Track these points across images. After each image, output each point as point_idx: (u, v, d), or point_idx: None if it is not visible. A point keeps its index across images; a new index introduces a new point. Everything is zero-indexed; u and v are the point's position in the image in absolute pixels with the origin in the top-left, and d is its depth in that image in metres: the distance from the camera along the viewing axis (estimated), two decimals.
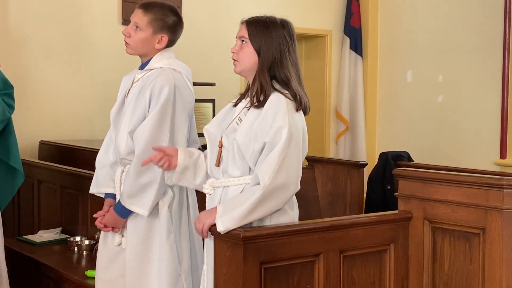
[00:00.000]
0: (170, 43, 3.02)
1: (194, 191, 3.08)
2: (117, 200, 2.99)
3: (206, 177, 2.69)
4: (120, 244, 3.00)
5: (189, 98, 2.98)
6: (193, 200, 3.06)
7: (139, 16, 2.94)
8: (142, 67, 3.03)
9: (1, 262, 3.53)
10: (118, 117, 3.03)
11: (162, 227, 2.91)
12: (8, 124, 3.62)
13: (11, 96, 3.62)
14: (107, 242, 3.04)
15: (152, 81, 2.89)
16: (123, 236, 2.99)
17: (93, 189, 3.13)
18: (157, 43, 2.95)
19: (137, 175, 2.85)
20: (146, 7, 2.96)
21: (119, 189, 2.99)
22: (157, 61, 2.97)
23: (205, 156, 2.71)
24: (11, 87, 3.65)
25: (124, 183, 2.90)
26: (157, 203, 2.91)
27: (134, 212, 2.91)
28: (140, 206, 2.86)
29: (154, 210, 2.91)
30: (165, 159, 2.64)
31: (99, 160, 3.13)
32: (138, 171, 2.84)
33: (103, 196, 3.10)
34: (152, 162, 2.66)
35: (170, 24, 2.96)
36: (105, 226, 2.96)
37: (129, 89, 3.01)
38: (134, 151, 2.92)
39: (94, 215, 3.01)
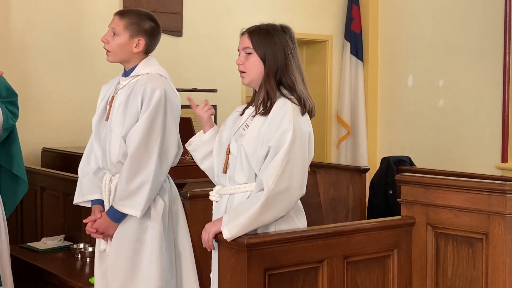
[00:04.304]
0: (148, 48, 3.05)
1: (180, 201, 3.11)
2: (105, 207, 3.01)
3: (209, 164, 2.71)
4: (105, 250, 3.01)
5: (177, 102, 3.03)
6: (176, 209, 3.08)
7: (116, 22, 3.01)
8: (126, 74, 3.08)
9: (7, 269, 3.53)
10: (100, 126, 3.08)
11: (155, 238, 2.93)
12: (12, 132, 3.61)
13: (15, 104, 3.62)
14: (103, 255, 3.07)
15: (143, 85, 2.94)
16: (107, 242, 3.00)
17: (77, 199, 3.13)
18: (135, 47, 3.00)
19: (130, 177, 2.87)
20: (122, 13, 3.05)
21: (107, 197, 3.00)
22: (143, 68, 3.02)
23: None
24: (15, 95, 3.66)
25: (117, 186, 2.92)
26: (150, 213, 2.93)
27: (126, 217, 2.92)
28: (132, 208, 2.87)
29: (147, 221, 2.93)
30: (209, 106, 2.77)
31: (81, 170, 3.15)
32: (130, 172, 2.87)
33: (89, 205, 3.10)
34: (195, 105, 2.79)
35: (147, 28, 3.01)
36: (96, 232, 2.97)
37: (113, 96, 3.05)
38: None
39: (84, 221, 3.02)
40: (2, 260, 3.52)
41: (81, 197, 3.11)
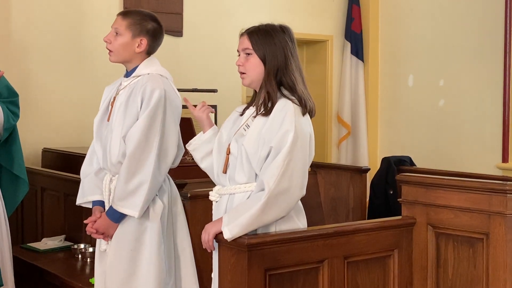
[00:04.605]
0: (150, 49, 3.06)
1: (181, 202, 3.11)
2: (105, 208, 3.02)
3: (209, 163, 2.71)
4: (105, 250, 3.02)
5: (177, 103, 3.03)
6: (175, 209, 3.08)
7: (118, 22, 3.02)
8: (128, 74, 3.08)
9: (8, 269, 3.52)
10: (101, 126, 3.08)
11: (154, 239, 2.93)
12: (12, 132, 3.60)
13: (16, 104, 3.60)
14: (103, 255, 3.07)
15: (143, 86, 2.94)
16: (108, 242, 3.01)
17: (79, 200, 3.14)
18: (137, 47, 3.01)
19: (128, 177, 2.87)
20: (124, 13, 3.07)
21: (108, 197, 3.01)
22: (143, 68, 3.03)
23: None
24: (16, 95, 3.64)
25: (116, 186, 2.92)
26: (149, 214, 2.93)
27: (125, 217, 2.92)
28: (130, 208, 2.88)
29: (146, 222, 2.93)
30: (206, 106, 2.78)
31: (83, 171, 3.15)
32: (128, 172, 2.87)
33: (90, 206, 3.11)
34: (191, 106, 2.79)
35: (149, 29, 3.02)
36: (97, 232, 2.98)
37: (115, 97, 3.06)
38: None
39: (85, 221, 3.02)
40: (4, 260, 3.51)
41: (82, 198, 3.12)
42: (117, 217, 2.93)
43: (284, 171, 2.39)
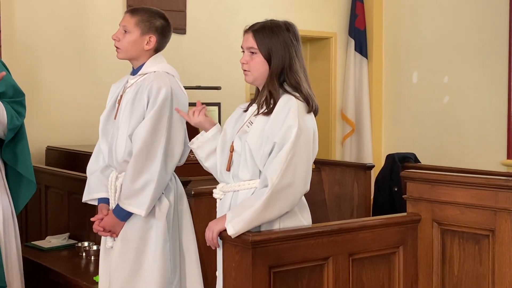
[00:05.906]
0: (159, 46, 3.06)
1: (186, 200, 3.10)
2: (110, 205, 3.01)
3: (213, 162, 2.69)
4: (112, 247, 3.01)
5: (184, 101, 3.02)
6: (181, 208, 3.08)
7: (126, 19, 3.02)
8: (134, 72, 3.08)
9: (14, 270, 3.47)
10: (107, 124, 3.08)
11: (159, 237, 2.93)
12: (19, 131, 3.57)
13: (21, 104, 3.56)
14: (108, 253, 3.07)
15: (149, 84, 2.94)
16: (114, 239, 3.01)
17: (85, 197, 3.14)
18: (146, 44, 3.00)
19: (134, 176, 2.87)
20: (132, 11, 3.06)
21: (113, 194, 3.00)
22: (150, 66, 3.02)
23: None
24: (22, 94, 3.60)
25: (123, 185, 2.92)
26: (155, 212, 2.93)
27: (132, 215, 2.92)
28: (137, 206, 2.88)
29: (152, 220, 2.93)
30: (199, 108, 2.72)
31: (89, 168, 3.16)
32: (135, 171, 2.87)
33: (95, 203, 3.10)
34: (187, 117, 2.74)
35: (158, 26, 3.02)
36: (103, 230, 2.97)
37: (121, 95, 3.05)
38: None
39: (92, 219, 3.01)
40: (10, 260, 3.46)
41: (88, 195, 3.13)
42: (124, 215, 2.93)
43: (287, 166, 2.38)
